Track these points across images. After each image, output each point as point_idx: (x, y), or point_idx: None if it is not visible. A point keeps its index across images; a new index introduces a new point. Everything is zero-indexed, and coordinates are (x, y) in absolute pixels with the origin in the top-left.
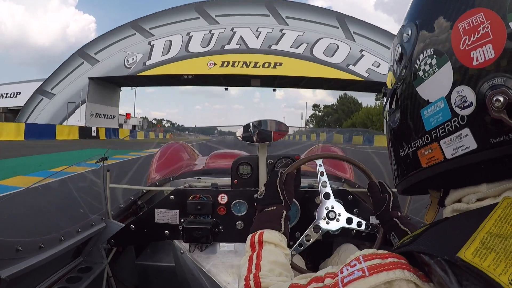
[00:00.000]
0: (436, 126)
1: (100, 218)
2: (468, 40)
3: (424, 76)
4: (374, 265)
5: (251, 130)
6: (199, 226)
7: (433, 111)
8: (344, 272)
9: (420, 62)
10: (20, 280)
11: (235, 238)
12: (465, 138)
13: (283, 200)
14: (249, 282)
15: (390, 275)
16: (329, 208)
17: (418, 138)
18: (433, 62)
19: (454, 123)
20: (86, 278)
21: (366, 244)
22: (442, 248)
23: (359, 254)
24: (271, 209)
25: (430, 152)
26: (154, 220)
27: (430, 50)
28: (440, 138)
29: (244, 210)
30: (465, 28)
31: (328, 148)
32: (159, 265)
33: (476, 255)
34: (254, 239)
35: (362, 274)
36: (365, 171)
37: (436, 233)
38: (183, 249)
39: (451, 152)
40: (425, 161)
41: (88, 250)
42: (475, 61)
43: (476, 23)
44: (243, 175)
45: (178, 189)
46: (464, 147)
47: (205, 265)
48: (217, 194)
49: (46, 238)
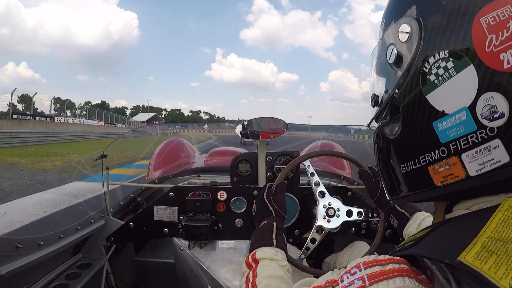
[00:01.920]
0: (455, 138)
1: (99, 216)
2: (495, 40)
3: (437, 81)
4: (374, 273)
5: (249, 127)
6: (199, 223)
7: (451, 124)
8: (344, 281)
9: (430, 65)
10: (20, 276)
11: (234, 236)
12: (495, 151)
13: (272, 211)
14: None
15: (390, 284)
16: (327, 206)
17: (430, 151)
18: (449, 65)
19: (480, 135)
20: (86, 275)
21: (365, 240)
22: (443, 252)
23: (360, 260)
24: (263, 224)
25: (447, 168)
26: (153, 217)
27: (444, 51)
28: (462, 151)
29: (243, 207)
30: (489, 24)
31: (328, 145)
32: (158, 261)
33: (476, 258)
34: (248, 259)
35: (362, 283)
36: (353, 161)
37: (438, 236)
38: (183, 246)
39: (477, 168)
40: (439, 179)
41: (88, 247)
42: (507, 63)
43: (504, 18)
44: (242, 172)
45: (177, 186)
46: (493, 161)
47: (205, 261)
48: (217, 191)
49: (46, 236)
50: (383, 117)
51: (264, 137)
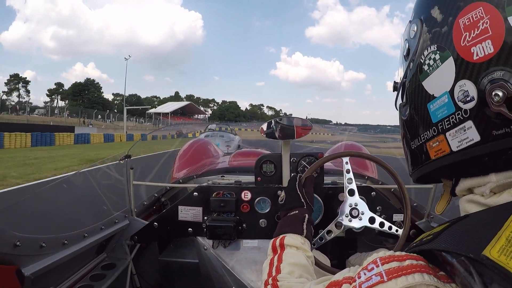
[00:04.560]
0: (441, 119)
1: (123, 216)
2: (468, 36)
3: (429, 70)
4: (392, 268)
5: (273, 127)
6: (223, 224)
7: (438, 105)
8: (361, 277)
9: (425, 57)
10: (44, 277)
11: (258, 235)
12: (469, 131)
13: (304, 203)
14: (268, 287)
15: (410, 279)
16: (353, 206)
17: (426, 130)
18: (437, 57)
19: (458, 116)
20: (110, 276)
21: (389, 241)
22: (465, 245)
23: (377, 256)
24: (293, 213)
25: (437, 144)
26: (177, 217)
27: (433, 46)
28: (446, 130)
29: (267, 207)
30: (465, 24)
31: (353, 147)
32: (183, 261)
33: (502, 253)
34: (275, 243)
35: (380, 279)
36: (390, 172)
37: (457, 230)
38: (207, 245)
39: (457, 144)
40: (433, 153)
41: (112, 247)
42: (475, 56)
43: (476, 18)
44: (266, 173)
45: (202, 186)
46: (468, 140)
47: (229, 261)
48: (241, 191)
49: (70, 235)
50: (400, 101)
51: (298, 135)
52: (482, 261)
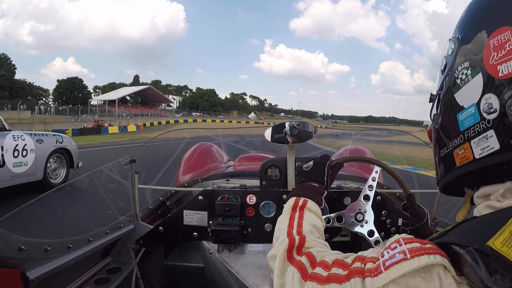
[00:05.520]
0: (468, 127)
1: (128, 220)
2: (496, 56)
3: (461, 84)
4: (415, 247)
5: (287, 132)
6: (228, 228)
7: (466, 115)
8: (385, 255)
9: (458, 72)
10: (49, 280)
11: (263, 240)
12: (491, 139)
13: (326, 182)
14: (294, 236)
15: (432, 258)
16: (361, 211)
17: (454, 138)
18: (468, 72)
19: (482, 125)
20: (115, 279)
21: None
22: (473, 239)
23: (399, 236)
24: (314, 184)
25: (463, 152)
26: (182, 222)
27: (466, 62)
28: (471, 138)
29: (273, 211)
30: (494, 45)
31: (357, 151)
32: (188, 265)
33: (504, 245)
34: (298, 202)
35: (403, 256)
36: (401, 183)
37: (467, 227)
38: (212, 249)
39: (479, 152)
40: (458, 160)
41: (117, 250)
42: (501, 73)
43: (504, 40)
44: (271, 177)
45: (207, 190)
46: (489, 147)
47: (234, 265)
48: (246, 195)
49: (75, 239)
50: (435, 111)
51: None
52: (486, 251)
